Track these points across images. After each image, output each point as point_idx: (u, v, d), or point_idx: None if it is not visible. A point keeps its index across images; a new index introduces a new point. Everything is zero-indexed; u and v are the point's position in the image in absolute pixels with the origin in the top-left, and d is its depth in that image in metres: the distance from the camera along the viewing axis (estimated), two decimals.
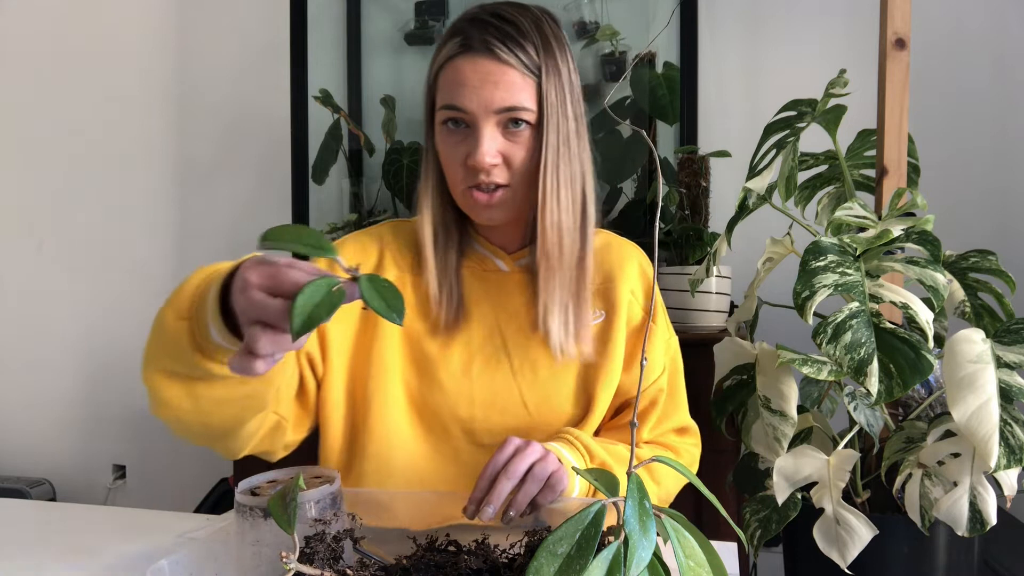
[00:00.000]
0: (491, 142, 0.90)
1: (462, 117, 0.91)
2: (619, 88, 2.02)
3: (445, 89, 0.92)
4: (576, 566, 0.49)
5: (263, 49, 2.35)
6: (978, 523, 0.84)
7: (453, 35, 0.92)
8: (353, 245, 1.02)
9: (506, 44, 0.90)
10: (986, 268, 0.98)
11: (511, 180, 0.92)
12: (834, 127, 1.06)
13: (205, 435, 0.83)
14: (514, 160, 0.92)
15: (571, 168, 0.93)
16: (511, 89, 0.89)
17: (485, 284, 1.00)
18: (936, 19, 1.92)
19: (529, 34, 0.92)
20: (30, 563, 0.89)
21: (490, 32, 0.90)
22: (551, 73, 0.91)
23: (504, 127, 0.91)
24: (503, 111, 0.90)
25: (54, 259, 2.56)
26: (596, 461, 0.91)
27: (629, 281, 1.02)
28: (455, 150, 0.92)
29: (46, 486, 2.49)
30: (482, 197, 0.92)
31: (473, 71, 0.89)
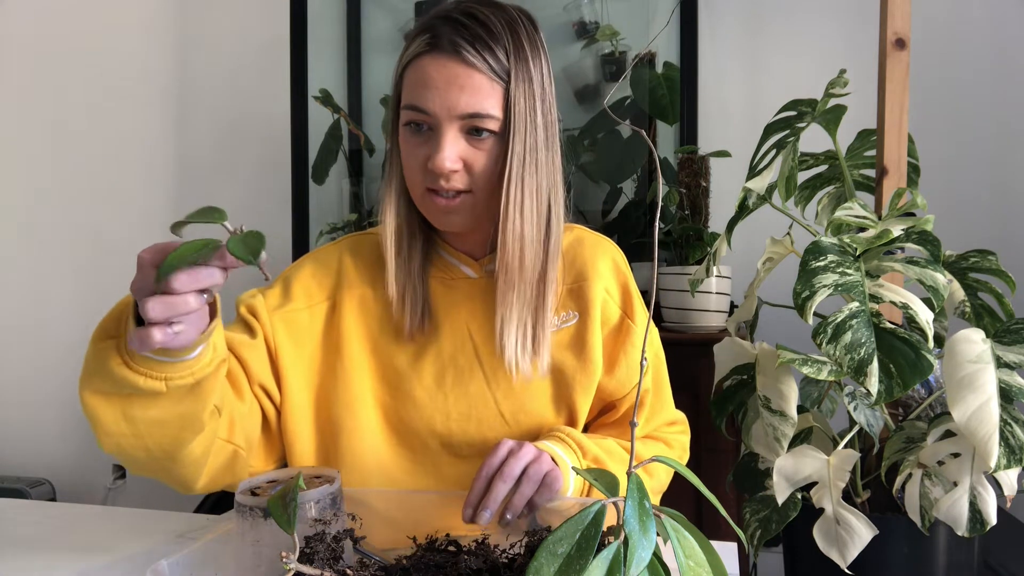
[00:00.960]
0: (452, 147, 0.86)
1: (424, 120, 0.87)
2: (619, 88, 2.02)
3: (409, 88, 0.88)
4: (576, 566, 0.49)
5: (263, 49, 2.35)
6: (978, 523, 0.84)
7: (422, 31, 0.89)
8: (310, 266, 0.99)
9: (475, 46, 0.86)
10: (986, 268, 0.98)
11: (472, 186, 0.89)
12: (834, 127, 1.06)
13: (148, 461, 0.80)
14: (475, 166, 0.88)
15: (537, 179, 0.89)
16: (476, 94, 0.86)
17: (453, 292, 0.97)
18: (936, 19, 1.92)
19: (500, 37, 0.87)
20: (30, 563, 0.89)
21: (459, 32, 0.86)
22: (521, 79, 0.87)
23: (467, 132, 0.87)
24: (467, 116, 0.86)
25: (54, 259, 2.56)
26: (589, 457, 0.91)
27: (603, 279, 0.99)
28: (416, 152, 0.89)
29: (46, 486, 2.49)
30: (440, 202, 0.89)
31: (438, 72, 0.86)
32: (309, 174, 2.18)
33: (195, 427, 0.79)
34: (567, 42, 2.05)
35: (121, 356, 0.70)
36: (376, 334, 0.96)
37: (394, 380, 0.96)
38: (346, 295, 0.97)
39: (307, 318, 0.96)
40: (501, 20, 0.88)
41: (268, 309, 0.95)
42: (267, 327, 0.94)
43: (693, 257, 1.77)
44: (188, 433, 0.79)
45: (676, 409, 1.09)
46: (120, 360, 0.70)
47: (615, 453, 0.95)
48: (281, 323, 0.94)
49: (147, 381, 0.71)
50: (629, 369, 0.99)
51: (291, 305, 0.96)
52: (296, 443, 0.95)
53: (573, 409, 0.98)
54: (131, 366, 0.70)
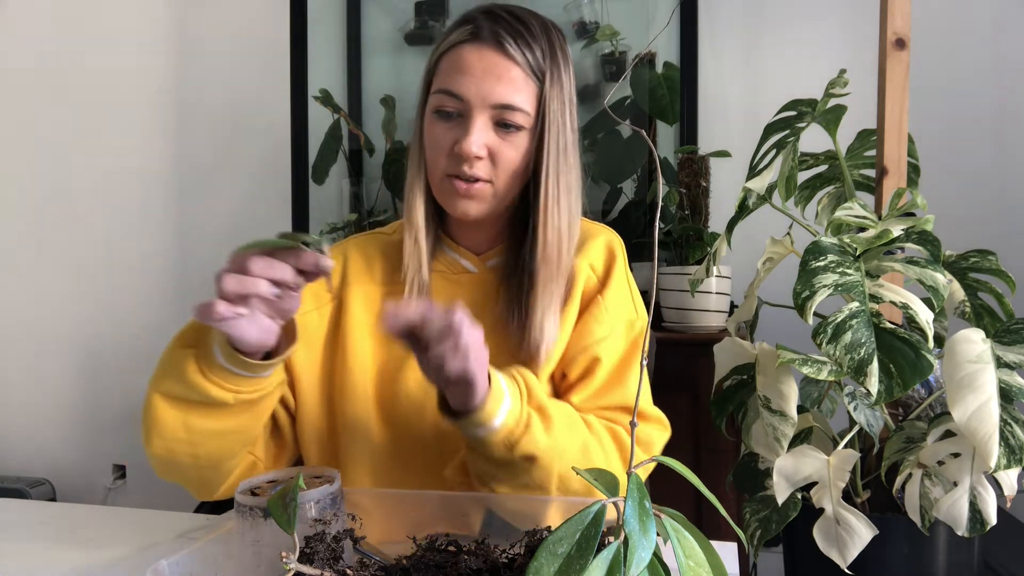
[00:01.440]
0: (481, 134, 0.89)
1: (456, 107, 0.90)
2: (619, 88, 2.02)
3: (445, 74, 0.91)
4: (576, 566, 0.49)
5: (263, 49, 2.35)
6: (978, 523, 0.84)
7: (463, 23, 0.92)
8: None
9: (516, 41, 0.89)
10: (986, 268, 0.98)
11: (493, 177, 0.91)
12: (834, 127, 1.06)
13: (192, 467, 0.84)
14: (500, 158, 0.90)
15: (568, 178, 0.93)
16: (512, 86, 0.88)
17: (453, 287, 0.99)
18: (936, 19, 1.92)
19: (539, 38, 0.91)
20: (30, 563, 0.89)
21: (502, 25, 0.90)
22: (555, 81, 0.91)
23: (496, 123, 0.90)
24: (499, 107, 0.89)
25: (54, 259, 2.56)
26: (533, 403, 0.85)
27: (588, 256, 1.01)
28: (443, 137, 0.91)
29: (46, 486, 2.49)
30: (461, 185, 0.91)
31: (478, 60, 0.88)
32: (309, 174, 2.18)
33: (246, 441, 0.85)
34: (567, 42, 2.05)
35: (198, 364, 0.75)
36: (378, 330, 0.98)
37: (392, 372, 0.97)
38: (351, 292, 0.99)
39: (316, 319, 0.98)
40: (539, 24, 0.93)
41: None
42: None
43: (693, 257, 1.77)
44: (238, 446, 0.84)
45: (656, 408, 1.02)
46: (197, 368, 0.75)
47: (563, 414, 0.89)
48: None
49: (218, 391, 0.76)
50: (580, 332, 0.97)
51: (301, 309, 0.96)
52: (312, 444, 0.97)
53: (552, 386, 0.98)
54: (206, 375, 0.75)
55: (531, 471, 0.84)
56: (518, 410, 0.82)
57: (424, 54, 2.20)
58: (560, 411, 0.88)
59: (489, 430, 0.80)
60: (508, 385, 0.83)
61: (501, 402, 0.80)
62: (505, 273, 0.99)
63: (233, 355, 0.74)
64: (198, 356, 0.76)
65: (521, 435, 0.82)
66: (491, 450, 0.82)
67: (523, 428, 0.82)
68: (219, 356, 0.75)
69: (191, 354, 0.76)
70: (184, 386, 0.76)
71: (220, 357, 0.75)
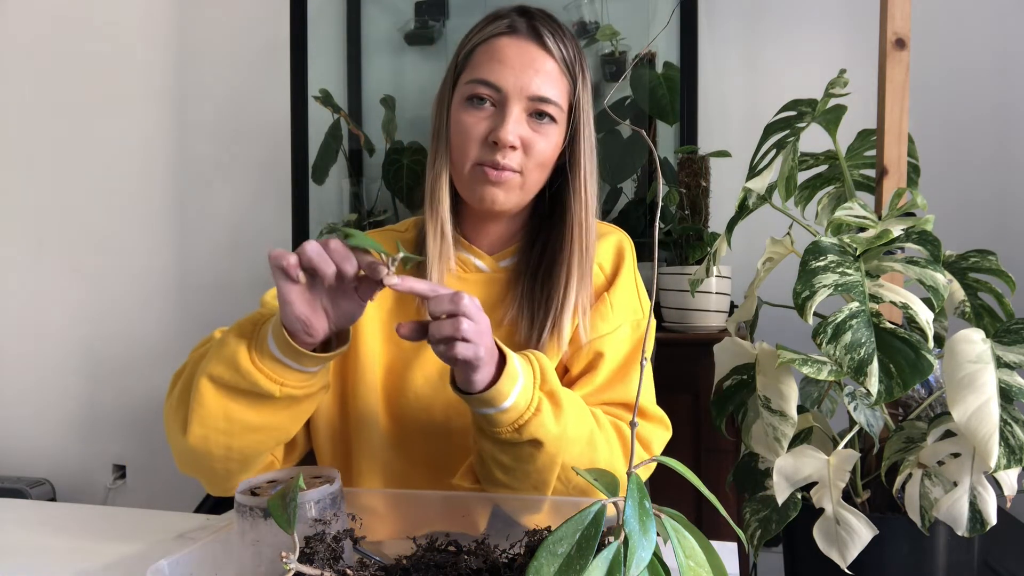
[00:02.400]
0: (517, 124, 0.91)
1: (491, 96, 0.91)
2: (619, 88, 2.02)
3: (480, 65, 0.92)
4: (576, 566, 0.49)
5: (263, 49, 2.35)
6: (978, 523, 0.84)
7: (496, 19, 0.94)
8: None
9: (554, 36, 0.92)
10: (986, 268, 0.98)
11: (524, 168, 0.93)
12: (834, 127, 1.06)
13: (222, 458, 0.83)
14: (532, 149, 0.92)
15: (595, 175, 0.97)
16: (549, 79, 0.91)
17: (465, 285, 1.00)
18: (936, 19, 1.92)
19: (571, 40, 0.95)
20: (30, 563, 0.89)
21: (541, 22, 0.93)
22: (584, 82, 0.96)
23: (530, 116, 0.92)
24: (536, 99, 0.91)
25: (54, 259, 2.56)
26: (546, 388, 0.84)
27: (598, 255, 1.03)
28: (476, 126, 0.92)
29: (46, 486, 2.49)
30: (492, 173, 0.92)
31: (518, 52, 0.91)
32: (309, 174, 2.18)
33: (280, 440, 0.85)
34: None
35: (251, 352, 0.77)
36: (388, 326, 0.98)
37: (400, 369, 0.97)
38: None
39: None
40: (567, 29, 0.97)
41: None
42: None
43: (693, 257, 1.77)
44: (272, 443, 0.84)
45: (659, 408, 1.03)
46: (248, 355, 0.76)
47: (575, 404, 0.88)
48: None
49: (266, 381, 0.76)
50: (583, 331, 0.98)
51: None
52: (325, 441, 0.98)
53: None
54: (256, 363, 0.76)
55: (536, 457, 0.83)
56: (529, 393, 0.81)
57: (425, 54, 2.20)
58: (571, 400, 0.87)
59: (499, 409, 0.79)
60: (522, 366, 0.82)
61: (514, 383, 0.80)
62: (518, 273, 0.99)
63: (287, 344, 0.75)
64: (251, 345, 0.77)
65: (530, 418, 0.81)
66: (498, 430, 0.81)
67: (533, 411, 0.81)
68: (272, 345, 0.76)
69: (245, 343, 0.77)
70: (234, 372, 0.77)
71: (273, 346, 0.76)
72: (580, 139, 0.95)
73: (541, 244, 1.00)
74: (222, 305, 2.39)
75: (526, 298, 0.96)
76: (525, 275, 0.98)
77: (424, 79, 2.21)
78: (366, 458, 0.97)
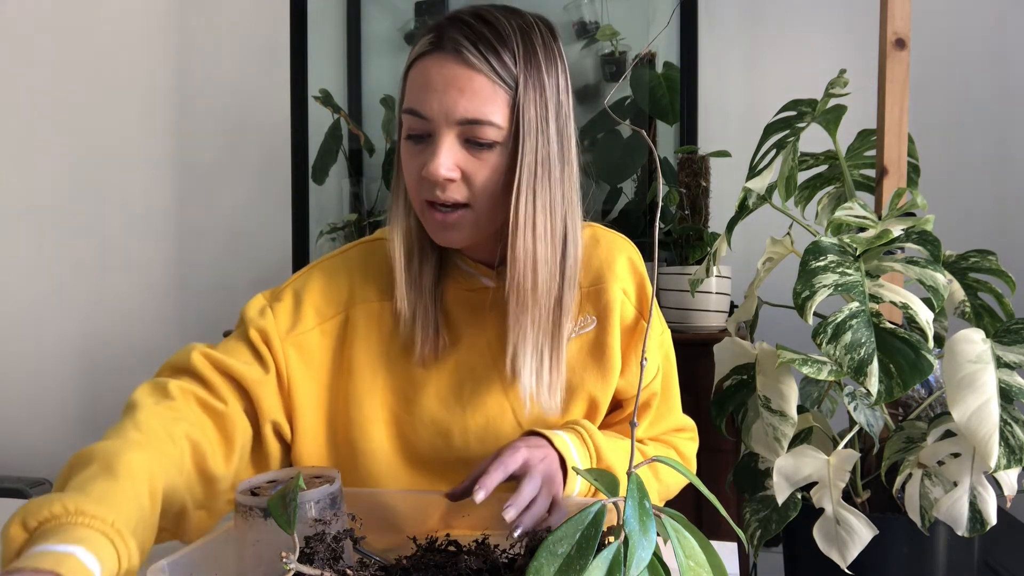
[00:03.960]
0: (448, 154, 0.81)
1: (422, 127, 0.82)
2: (619, 88, 2.02)
3: (410, 91, 0.84)
4: (576, 566, 0.49)
5: (263, 49, 2.35)
6: (978, 523, 0.84)
7: (427, 32, 0.84)
8: (320, 280, 0.94)
9: (478, 47, 0.81)
10: (986, 268, 0.98)
11: (471, 200, 0.83)
12: (834, 127, 1.06)
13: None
14: (475, 178, 0.82)
15: (550, 194, 0.83)
16: (476, 98, 0.80)
17: (472, 304, 0.93)
18: (936, 19, 1.92)
19: (509, 40, 0.82)
20: None
21: (463, 32, 0.81)
22: (531, 87, 0.82)
23: (466, 141, 0.82)
24: (465, 122, 0.81)
25: (54, 259, 2.56)
26: (603, 464, 0.87)
27: (620, 280, 0.94)
28: (414, 162, 0.84)
29: (46, 486, 2.49)
30: (438, 216, 0.84)
31: (438, 72, 0.81)
32: (309, 174, 2.17)
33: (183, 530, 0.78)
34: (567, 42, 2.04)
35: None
36: (389, 347, 0.92)
37: (410, 394, 0.92)
38: (358, 310, 0.93)
39: (318, 337, 0.91)
40: (513, 24, 0.84)
41: (280, 335, 0.90)
42: (280, 358, 0.89)
43: (693, 257, 1.77)
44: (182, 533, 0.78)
45: (687, 417, 1.04)
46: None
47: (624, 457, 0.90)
48: (293, 349, 0.90)
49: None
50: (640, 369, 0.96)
51: (302, 326, 0.91)
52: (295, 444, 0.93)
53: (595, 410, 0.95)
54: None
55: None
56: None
57: None
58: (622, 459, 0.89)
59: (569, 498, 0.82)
60: (579, 453, 0.85)
61: (576, 479, 0.83)
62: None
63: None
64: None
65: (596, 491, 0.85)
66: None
67: (594, 493, 0.85)
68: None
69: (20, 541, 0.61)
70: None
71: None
72: (520, 155, 0.81)
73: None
74: (222, 305, 2.38)
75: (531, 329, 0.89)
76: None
77: None
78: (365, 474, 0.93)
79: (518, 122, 0.82)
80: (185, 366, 0.85)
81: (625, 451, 0.90)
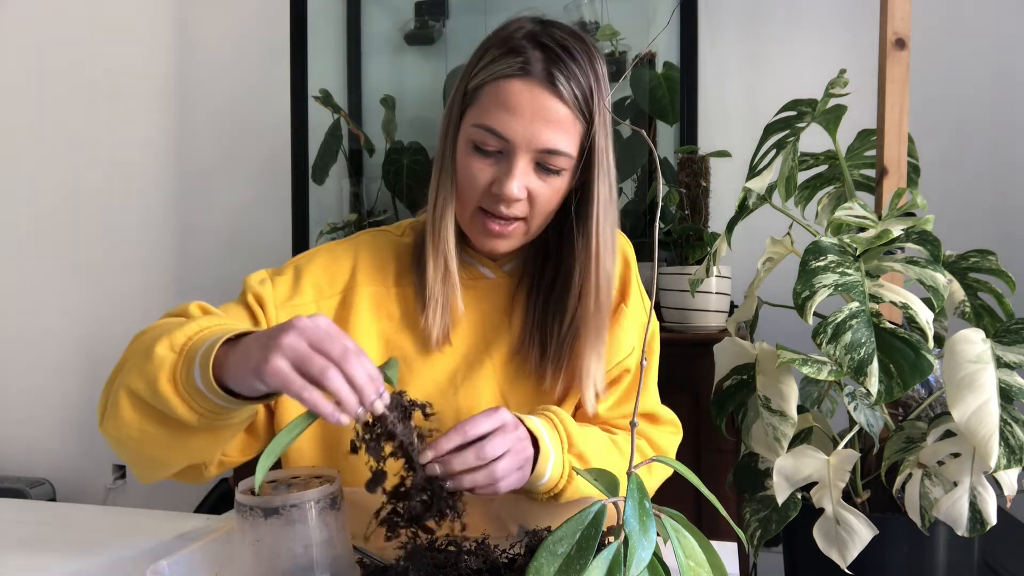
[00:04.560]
0: (523, 177, 0.85)
1: (498, 145, 0.85)
2: (619, 88, 2.02)
3: (488, 110, 0.85)
4: (576, 566, 0.49)
5: (263, 49, 2.35)
6: (978, 523, 0.84)
7: (511, 51, 0.85)
8: (323, 259, 0.97)
9: (569, 81, 0.84)
10: (986, 268, 0.98)
11: (528, 215, 0.89)
12: (834, 127, 1.06)
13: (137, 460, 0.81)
14: (539, 198, 0.87)
15: (613, 215, 0.91)
16: (559, 129, 0.84)
17: (471, 292, 0.97)
18: (936, 19, 1.92)
19: (586, 72, 0.86)
20: (30, 563, 0.89)
21: (555, 63, 0.84)
22: (602, 116, 0.87)
23: (537, 165, 0.86)
24: (545, 152, 0.85)
25: (54, 259, 2.56)
26: (574, 451, 0.87)
27: None
28: (479, 173, 0.87)
29: (46, 486, 2.49)
30: (495, 227, 0.88)
31: (529, 100, 0.83)
32: (309, 174, 2.17)
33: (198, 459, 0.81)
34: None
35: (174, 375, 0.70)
36: (389, 331, 0.95)
37: (405, 375, 0.95)
38: (358, 292, 0.95)
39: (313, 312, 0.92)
40: (584, 52, 0.87)
41: (276, 302, 0.92)
42: (272, 322, 0.91)
43: (693, 257, 1.77)
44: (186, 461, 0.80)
45: (667, 409, 1.06)
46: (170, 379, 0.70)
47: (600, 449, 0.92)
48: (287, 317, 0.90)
49: (185, 410, 0.70)
50: (612, 348, 0.98)
51: (299, 299, 0.94)
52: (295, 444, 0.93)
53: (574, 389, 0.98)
54: (179, 389, 0.70)
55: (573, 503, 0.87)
56: (561, 464, 0.84)
57: (425, 54, 2.20)
58: (596, 447, 0.90)
59: (534, 486, 0.83)
60: (551, 440, 0.84)
61: (547, 462, 0.82)
62: (521, 278, 0.98)
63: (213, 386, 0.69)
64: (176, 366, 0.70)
65: (565, 486, 0.85)
66: (535, 496, 0.85)
67: (566, 480, 0.85)
68: (198, 379, 0.69)
69: (169, 362, 0.70)
70: (152, 392, 0.71)
71: (199, 380, 0.69)
72: (595, 188, 0.87)
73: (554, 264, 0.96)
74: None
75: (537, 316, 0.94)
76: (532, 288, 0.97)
77: (424, 79, 2.20)
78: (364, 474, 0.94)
79: (591, 153, 0.87)
80: (183, 312, 0.86)
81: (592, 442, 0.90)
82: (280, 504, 0.68)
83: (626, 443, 0.96)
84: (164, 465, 0.81)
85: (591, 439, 0.91)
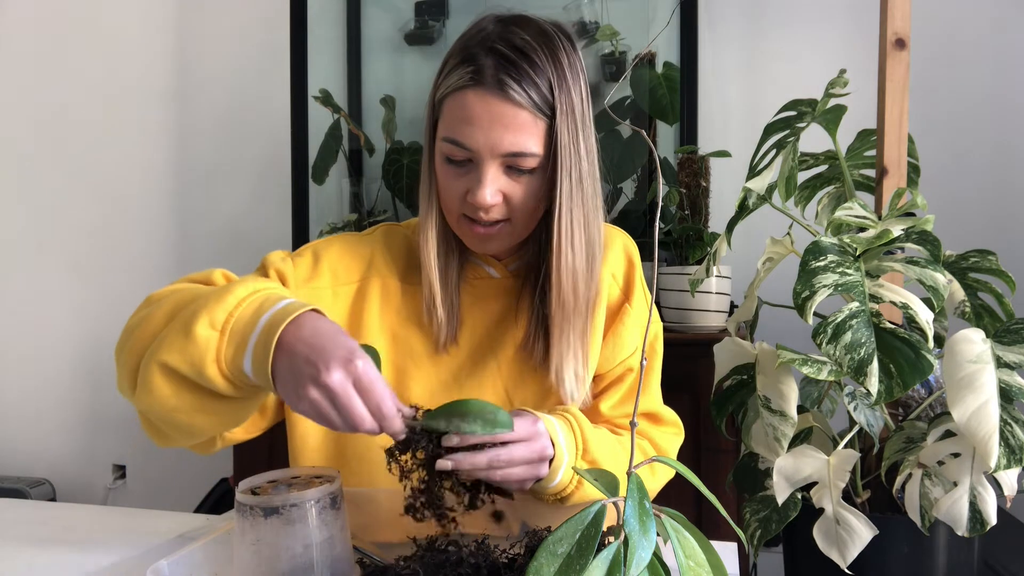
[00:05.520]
0: (493, 183, 0.86)
1: (465, 156, 0.87)
2: (619, 88, 2.02)
3: (450, 121, 0.87)
4: (576, 566, 0.49)
5: (263, 49, 2.35)
6: (978, 523, 0.84)
7: (464, 61, 0.86)
8: (340, 247, 0.98)
9: (521, 84, 0.84)
10: (986, 268, 0.98)
11: (511, 215, 0.89)
12: (834, 127, 1.06)
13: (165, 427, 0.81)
14: (515, 198, 0.88)
15: (584, 209, 0.89)
16: (520, 133, 0.84)
17: (476, 292, 0.98)
18: (936, 19, 1.92)
19: (544, 68, 0.85)
20: (30, 563, 0.89)
21: (505, 68, 0.84)
22: (564, 111, 0.86)
23: (507, 168, 0.87)
24: (509, 156, 0.85)
25: (54, 259, 2.56)
26: (588, 457, 0.88)
27: (609, 265, 1.00)
28: (454, 183, 0.89)
29: (46, 486, 2.49)
30: (479, 230, 0.90)
31: (483, 109, 0.84)
32: (309, 174, 2.17)
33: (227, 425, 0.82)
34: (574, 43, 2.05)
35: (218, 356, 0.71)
36: (396, 326, 0.96)
37: (411, 372, 0.96)
38: (373, 283, 0.97)
39: (330, 297, 0.95)
40: (544, 49, 0.86)
41: (296, 281, 0.93)
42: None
43: (693, 257, 1.77)
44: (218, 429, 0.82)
45: (670, 409, 1.07)
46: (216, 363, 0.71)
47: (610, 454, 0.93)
48: (305, 298, 0.91)
49: (225, 384, 0.72)
50: (615, 347, 0.99)
51: (318, 281, 0.95)
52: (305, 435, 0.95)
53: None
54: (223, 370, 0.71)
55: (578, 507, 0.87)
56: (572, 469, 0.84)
57: (424, 54, 2.20)
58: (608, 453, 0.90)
59: (543, 488, 0.83)
60: (567, 442, 0.85)
61: (561, 462, 0.83)
62: (526, 278, 0.98)
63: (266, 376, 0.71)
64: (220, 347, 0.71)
65: (573, 491, 0.85)
66: (542, 498, 0.85)
67: (575, 485, 0.85)
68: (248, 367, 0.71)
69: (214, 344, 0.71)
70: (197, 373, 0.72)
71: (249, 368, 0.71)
72: (559, 180, 0.87)
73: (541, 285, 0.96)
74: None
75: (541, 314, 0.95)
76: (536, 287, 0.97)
77: (424, 79, 2.20)
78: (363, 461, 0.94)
79: (555, 148, 0.86)
80: (207, 280, 0.87)
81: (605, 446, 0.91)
82: (280, 504, 0.68)
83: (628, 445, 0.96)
84: (193, 433, 0.82)
85: (604, 444, 0.91)
